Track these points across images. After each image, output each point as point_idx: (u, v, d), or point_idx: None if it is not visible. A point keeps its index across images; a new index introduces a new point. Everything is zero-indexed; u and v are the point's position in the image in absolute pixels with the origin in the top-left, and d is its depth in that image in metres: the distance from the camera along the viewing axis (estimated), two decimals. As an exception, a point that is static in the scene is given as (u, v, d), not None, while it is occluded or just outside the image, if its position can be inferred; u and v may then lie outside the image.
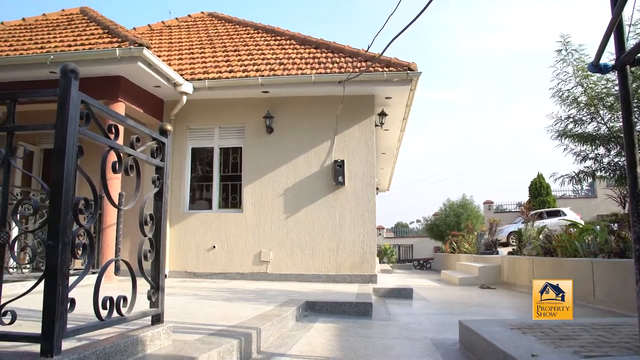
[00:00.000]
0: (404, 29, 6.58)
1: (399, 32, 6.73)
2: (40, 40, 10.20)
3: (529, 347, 3.21)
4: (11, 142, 2.46)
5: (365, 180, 10.28)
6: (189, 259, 10.55)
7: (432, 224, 28.73)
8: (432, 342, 4.58)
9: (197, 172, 11.37)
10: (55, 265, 2.18)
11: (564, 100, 9.81)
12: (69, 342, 2.35)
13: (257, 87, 10.29)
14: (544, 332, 3.77)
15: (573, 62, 9.51)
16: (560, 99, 9.85)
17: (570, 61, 9.52)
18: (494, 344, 3.39)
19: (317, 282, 9.78)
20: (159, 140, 3.23)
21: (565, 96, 9.76)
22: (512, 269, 11.83)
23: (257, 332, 4.02)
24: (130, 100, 9.54)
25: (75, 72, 2.33)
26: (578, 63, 9.45)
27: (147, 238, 3.06)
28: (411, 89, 10.22)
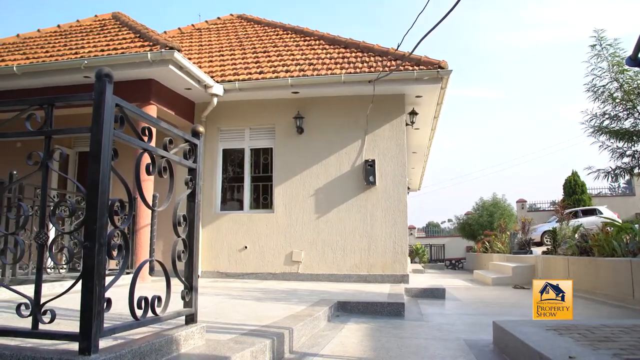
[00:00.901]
0: (434, 26, 6.54)
1: (429, 30, 6.69)
2: (75, 46, 10.42)
3: (566, 348, 3.14)
4: (49, 145, 2.51)
5: (396, 179, 10.22)
6: (221, 260, 10.64)
7: (464, 223, 28.41)
8: (466, 343, 4.53)
9: (228, 173, 11.46)
10: (92, 266, 2.23)
11: (598, 96, 9.60)
12: (105, 340, 2.39)
13: (287, 88, 10.32)
14: (582, 333, 3.70)
15: (608, 57, 9.31)
16: (594, 95, 9.64)
17: (605, 56, 9.32)
18: (530, 345, 3.34)
19: (348, 282, 9.76)
20: (192, 142, 3.26)
21: (600, 92, 9.56)
22: (547, 268, 11.62)
23: (289, 332, 4.03)
24: (162, 103, 9.67)
25: (110, 76, 2.37)
26: (613, 58, 9.24)
27: (181, 239, 3.10)
28: (442, 87, 10.13)
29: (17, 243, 2.70)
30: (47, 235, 2.55)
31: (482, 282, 13.95)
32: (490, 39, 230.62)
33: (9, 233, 2.76)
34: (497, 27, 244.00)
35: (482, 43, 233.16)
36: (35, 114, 2.60)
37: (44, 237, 2.49)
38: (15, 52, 10.77)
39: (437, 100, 10.91)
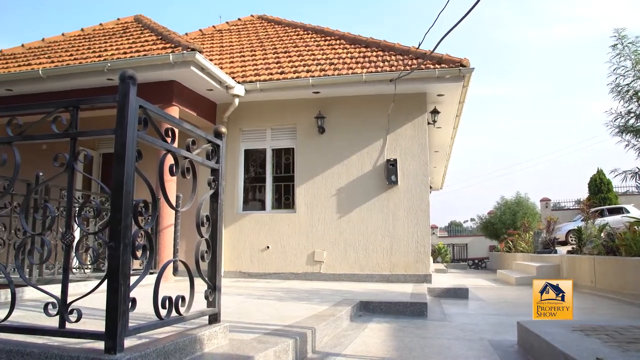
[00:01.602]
0: (455, 24, 6.49)
1: (451, 28, 6.64)
2: (98, 49, 10.56)
3: (593, 350, 3.09)
4: (74, 147, 2.55)
5: (418, 179, 10.17)
6: (244, 259, 10.69)
7: (486, 222, 28.12)
8: (490, 343, 4.49)
9: (250, 173, 11.51)
10: (117, 266, 2.25)
11: (622, 95, 9.42)
12: (130, 339, 2.41)
13: (308, 88, 10.33)
14: (609, 334, 3.64)
15: (631, 56, 9.13)
16: (618, 94, 9.47)
17: (628, 54, 9.14)
18: (555, 346, 3.29)
19: (370, 282, 9.74)
20: (214, 143, 3.28)
21: (624, 91, 9.38)
22: (572, 268, 11.46)
23: (312, 331, 4.03)
24: (184, 104, 9.74)
25: (133, 78, 2.40)
26: (636, 56, 9.06)
27: (204, 239, 3.12)
28: (464, 85, 10.06)
29: (44, 243, 2.74)
30: (73, 236, 2.59)
31: (505, 282, 13.81)
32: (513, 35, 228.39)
33: (36, 234, 2.81)
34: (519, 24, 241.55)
35: (504, 40, 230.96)
36: (61, 116, 2.63)
37: (70, 238, 2.53)
38: (41, 56, 10.95)
39: (459, 98, 10.83)
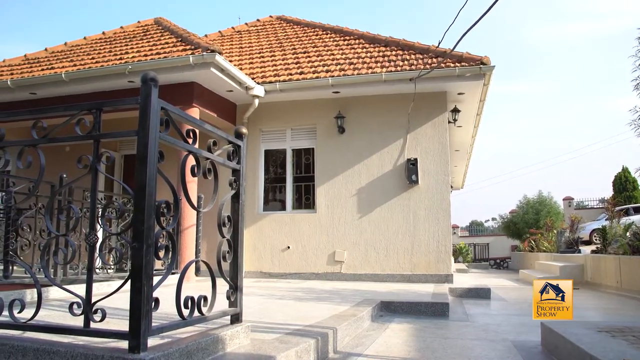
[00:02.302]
0: (476, 22, 6.44)
1: (471, 26, 6.59)
2: (119, 52, 10.67)
3: (619, 352, 3.04)
4: (97, 149, 2.58)
5: (439, 178, 10.12)
6: (264, 260, 10.72)
7: (508, 221, 27.82)
8: (513, 344, 4.44)
9: (270, 173, 11.54)
10: (140, 266, 2.28)
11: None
12: (153, 339, 2.43)
13: (328, 88, 10.33)
14: (636, 336, 3.58)
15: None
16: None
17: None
18: (581, 347, 3.24)
19: (391, 281, 9.71)
20: (235, 144, 3.30)
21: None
22: (597, 268, 11.31)
23: (333, 331, 4.03)
24: (204, 105, 9.81)
25: (155, 80, 2.42)
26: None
27: (226, 239, 3.13)
28: (484, 83, 9.97)
29: (69, 244, 2.78)
30: (97, 237, 2.62)
31: (528, 282, 13.65)
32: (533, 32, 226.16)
33: (60, 234, 2.84)
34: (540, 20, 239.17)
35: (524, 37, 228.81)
36: (84, 118, 2.67)
37: (94, 238, 2.56)
38: (64, 60, 11.11)
39: (479, 97, 10.75)
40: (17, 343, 2.54)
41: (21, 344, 2.52)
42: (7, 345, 2.55)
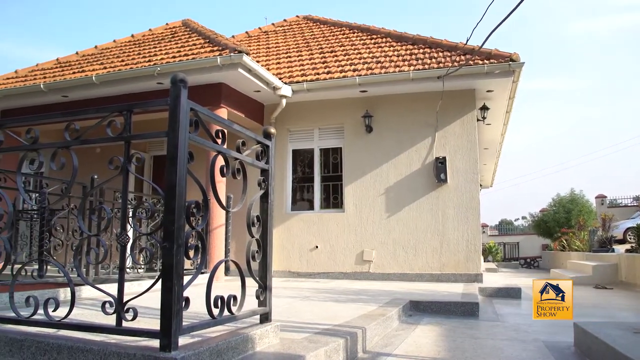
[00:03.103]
0: (505, 18, 6.36)
1: (500, 22, 6.51)
2: (148, 54, 10.81)
3: (656, 353, 2.97)
4: (128, 150, 2.61)
5: (468, 176, 10.01)
6: (292, 259, 10.75)
7: (539, 220, 27.39)
8: (545, 345, 4.37)
9: (298, 173, 11.57)
10: (171, 266, 2.30)
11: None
12: (183, 338, 2.45)
13: (355, 87, 10.30)
14: (673, 336, 3.49)
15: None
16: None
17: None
18: (616, 348, 3.17)
19: (420, 281, 9.65)
20: (264, 144, 3.31)
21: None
22: (632, 267, 11.06)
23: (362, 331, 4.01)
24: (232, 106, 9.87)
25: (184, 82, 2.44)
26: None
27: (255, 239, 3.14)
28: (514, 80, 9.83)
29: (101, 244, 2.82)
30: (128, 237, 2.65)
31: (560, 282, 13.43)
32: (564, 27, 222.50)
33: (92, 234, 2.89)
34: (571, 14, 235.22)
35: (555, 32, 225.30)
36: (115, 120, 2.70)
37: (126, 238, 2.59)
38: (94, 63, 11.30)
39: (509, 94, 10.60)
40: (53, 341, 2.60)
41: (56, 342, 2.58)
42: (43, 343, 2.61)
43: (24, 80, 11.21)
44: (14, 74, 11.90)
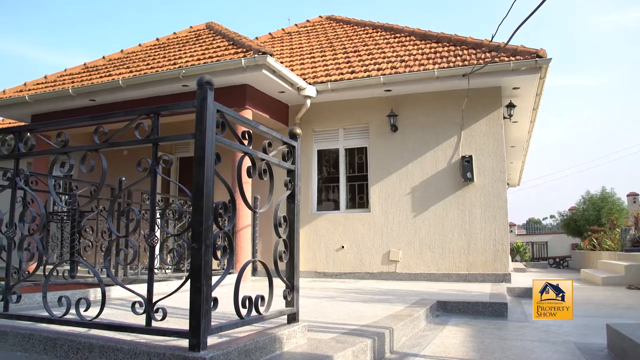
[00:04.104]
0: (531, 13, 6.28)
1: (526, 17, 6.43)
2: (173, 57, 10.91)
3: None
4: (156, 152, 2.64)
5: (495, 175, 9.91)
6: (319, 259, 10.76)
7: (568, 219, 26.95)
8: (576, 347, 4.29)
9: (323, 173, 11.58)
10: (199, 266, 2.32)
11: None
12: (211, 338, 2.47)
13: (380, 86, 10.27)
14: None
15: None
16: None
17: None
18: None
19: (447, 281, 9.58)
20: (290, 144, 3.32)
21: None
22: (666, 267, 10.81)
23: (389, 331, 4.00)
24: (257, 107, 9.92)
25: (211, 84, 2.45)
26: None
27: (282, 239, 3.15)
28: (541, 77, 9.70)
29: (131, 245, 2.86)
30: (157, 238, 2.68)
31: (590, 282, 13.22)
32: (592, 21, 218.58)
33: (122, 236, 2.93)
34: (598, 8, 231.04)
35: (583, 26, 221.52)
36: (143, 123, 2.74)
37: (155, 240, 2.62)
38: (120, 67, 11.45)
39: (535, 91, 10.46)
40: (84, 340, 2.64)
41: (88, 341, 2.63)
42: (75, 342, 2.66)
43: (53, 85, 11.42)
44: (44, 79, 12.13)
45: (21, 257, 3.26)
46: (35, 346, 2.83)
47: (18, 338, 2.91)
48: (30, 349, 2.85)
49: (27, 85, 11.90)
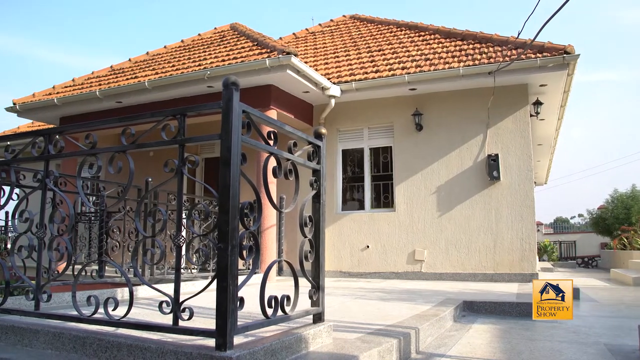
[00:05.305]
0: (558, 9, 6.18)
1: (553, 13, 6.34)
2: (197, 58, 11.00)
3: None
4: (182, 153, 2.66)
5: (521, 174, 9.78)
6: (344, 259, 10.75)
7: (597, 218, 26.48)
8: (607, 348, 4.21)
9: (348, 173, 11.56)
10: (226, 266, 2.33)
11: None
12: (237, 337, 2.48)
13: (404, 85, 10.22)
14: None
15: None
16: None
17: None
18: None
19: (473, 281, 9.49)
20: (315, 144, 3.32)
21: None
22: (697, 266, 10.57)
23: (415, 331, 3.97)
24: (281, 107, 9.94)
25: (236, 84, 2.47)
26: None
27: (307, 239, 3.15)
28: (568, 73, 9.54)
29: (157, 245, 2.89)
30: (184, 238, 2.71)
31: (620, 282, 12.97)
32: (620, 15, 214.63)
33: (149, 236, 2.97)
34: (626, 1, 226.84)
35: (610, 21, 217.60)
36: (169, 124, 2.76)
37: (182, 240, 2.64)
38: (146, 69, 11.57)
39: (563, 88, 10.30)
40: (113, 339, 2.68)
41: (116, 340, 2.66)
42: (103, 341, 2.70)
43: (80, 88, 11.59)
44: (71, 82, 12.31)
45: (51, 257, 3.32)
46: (65, 344, 2.88)
47: (49, 336, 2.97)
48: (60, 347, 2.90)
49: (56, 89, 12.10)
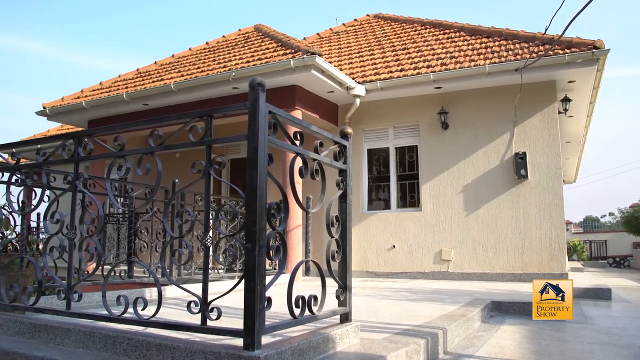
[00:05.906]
0: (587, 4, 6.07)
1: (581, 8, 6.22)
2: (222, 60, 11.08)
3: None
4: (209, 154, 2.68)
5: (550, 172, 9.64)
6: (370, 259, 10.72)
7: (629, 216, 25.92)
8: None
9: (373, 173, 11.53)
10: (253, 266, 2.34)
11: None
12: (265, 337, 2.49)
13: (429, 84, 10.15)
14: None
15: None
16: None
17: None
18: None
19: (501, 281, 9.39)
20: (341, 144, 3.32)
21: None
22: None
23: (443, 332, 3.94)
24: (306, 107, 9.96)
25: (262, 85, 2.48)
26: None
27: (334, 239, 3.15)
28: (598, 69, 9.35)
29: (185, 246, 2.91)
30: (212, 239, 2.73)
31: (653, 281, 12.71)
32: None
33: (177, 237, 3.00)
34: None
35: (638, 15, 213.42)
36: (196, 125, 2.78)
37: (210, 240, 2.66)
38: (172, 71, 11.70)
39: (592, 84, 10.11)
40: (142, 338, 2.72)
41: (145, 339, 2.69)
42: (133, 340, 2.74)
43: (108, 91, 11.77)
44: (99, 86, 12.50)
45: (81, 257, 3.37)
46: (95, 343, 2.93)
47: (80, 335, 3.02)
48: (91, 345, 2.95)
49: (84, 92, 12.30)
